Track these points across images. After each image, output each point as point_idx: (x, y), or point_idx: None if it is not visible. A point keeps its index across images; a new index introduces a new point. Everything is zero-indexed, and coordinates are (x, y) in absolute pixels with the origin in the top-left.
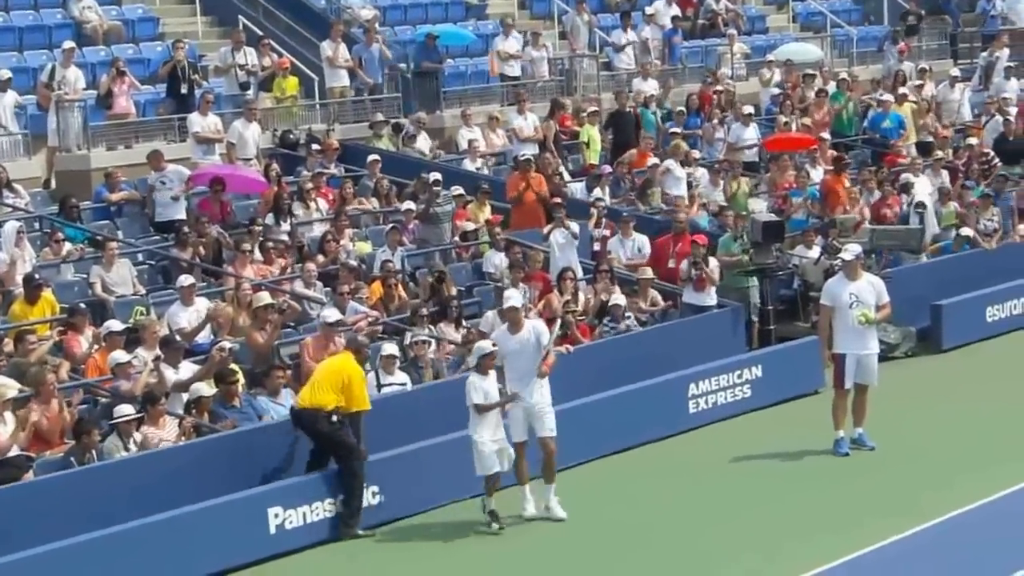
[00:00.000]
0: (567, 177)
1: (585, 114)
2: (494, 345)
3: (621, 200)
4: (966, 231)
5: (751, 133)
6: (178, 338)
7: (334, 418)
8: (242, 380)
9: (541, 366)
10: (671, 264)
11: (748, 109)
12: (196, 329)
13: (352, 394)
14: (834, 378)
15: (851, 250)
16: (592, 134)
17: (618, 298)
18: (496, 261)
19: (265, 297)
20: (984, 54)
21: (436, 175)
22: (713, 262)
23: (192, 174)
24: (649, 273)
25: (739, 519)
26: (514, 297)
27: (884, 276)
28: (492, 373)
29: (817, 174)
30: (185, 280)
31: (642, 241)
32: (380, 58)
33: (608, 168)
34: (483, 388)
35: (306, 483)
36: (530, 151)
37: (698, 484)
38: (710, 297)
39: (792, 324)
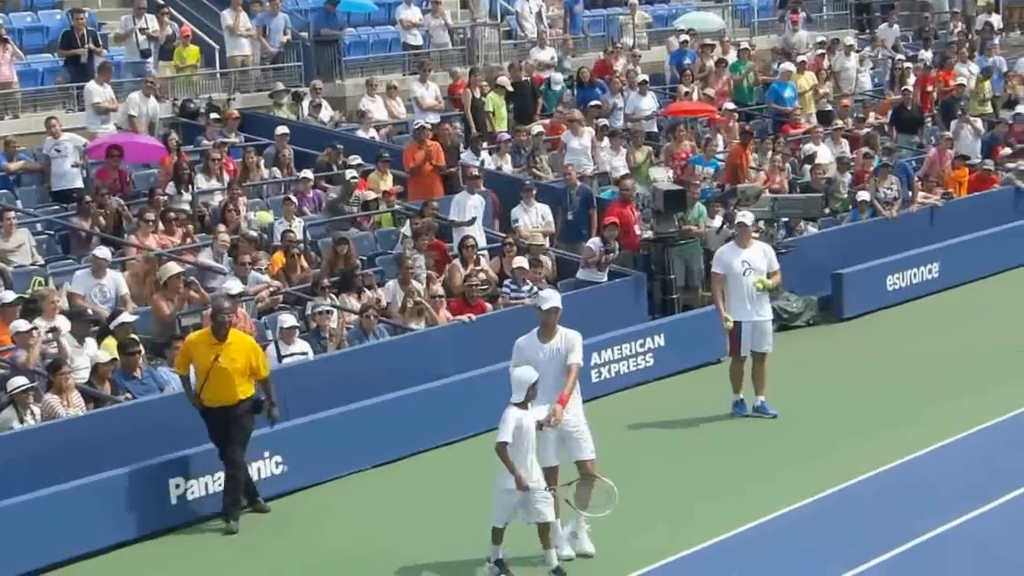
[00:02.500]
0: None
1: (489, 83)
2: (522, 406)
3: (522, 169)
4: (863, 195)
5: (648, 103)
6: (90, 312)
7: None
8: (143, 351)
9: (556, 403)
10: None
11: (642, 78)
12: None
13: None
14: (730, 346)
15: (747, 216)
16: (497, 103)
17: (520, 261)
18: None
19: (174, 267)
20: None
21: (353, 173)
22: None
23: (89, 145)
24: (540, 239)
25: (643, 486)
26: (553, 297)
27: (786, 246)
28: (532, 406)
29: (721, 144)
30: (99, 252)
31: (544, 209)
32: (284, 27)
33: (506, 136)
34: (519, 424)
35: (207, 453)
36: (432, 120)
37: (601, 452)
38: (603, 275)
39: (697, 292)
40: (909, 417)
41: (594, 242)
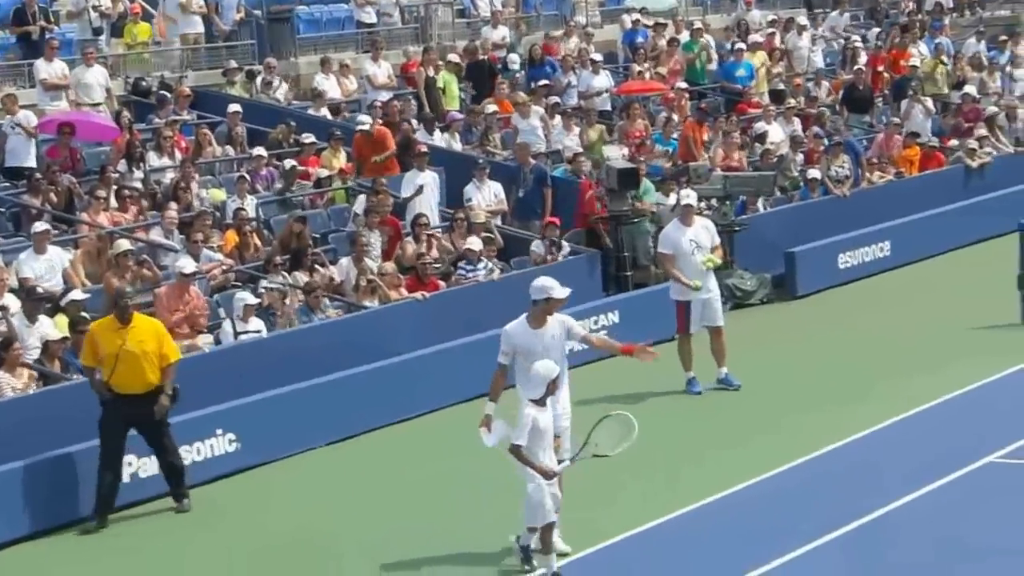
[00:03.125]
0: (415, 124)
1: (442, 61)
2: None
3: (474, 147)
4: (813, 173)
5: (602, 81)
6: (40, 289)
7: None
8: None
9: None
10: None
11: (596, 56)
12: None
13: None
14: (678, 324)
15: (691, 196)
16: (448, 80)
17: (474, 242)
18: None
19: (124, 244)
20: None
21: (293, 162)
22: (565, 245)
23: (41, 121)
24: (482, 217)
25: (595, 464)
26: (556, 288)
27: (740, 224)
28: (551, 403)
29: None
30: (39, 226)
31: (496, 187)
32: (237, 5)
33: (457, 115)
34: (535, 425)
35: None
36: (384, 98)
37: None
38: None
39: (648, 270)
40: (861, 394)
41: (537, 244)
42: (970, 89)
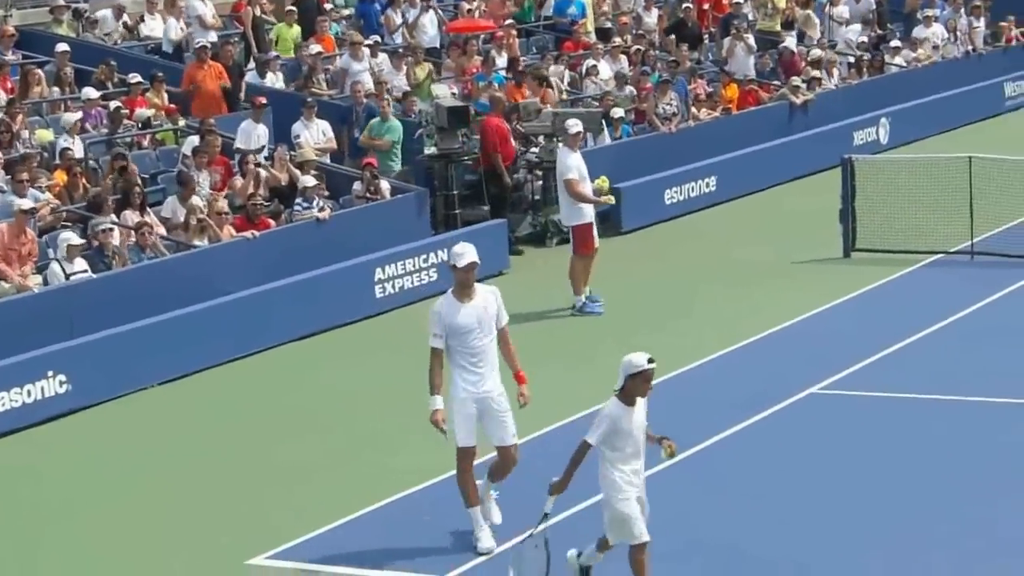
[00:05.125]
0: (251, 65)
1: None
2: (651, 361)
3: (300, 86)
4: (617, 112)
5: (430, 18)
6: None
7: None
8: None
9: (520, 391)
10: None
11: None
12: None
13: None
14: (586, 245)
15: (574, 124)
16: (282, 30)
17: (307, 180)
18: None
19: None
20: None
21: (118, 103)
22: (385, 184)
23: None
24: (310, 155)
25: (418, 403)
26: (468, 252)
27: None
28: (642, 402)
29: (502, 60)
30: None
31: (324, 126)
32: None
33: (274, 54)
34: (616, 425)
35: None
36: (212, 39)
37: (382, 368)
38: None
39: (477, 208)
40: (684, 328)
41: (356, 185)
42: (790, 40)
